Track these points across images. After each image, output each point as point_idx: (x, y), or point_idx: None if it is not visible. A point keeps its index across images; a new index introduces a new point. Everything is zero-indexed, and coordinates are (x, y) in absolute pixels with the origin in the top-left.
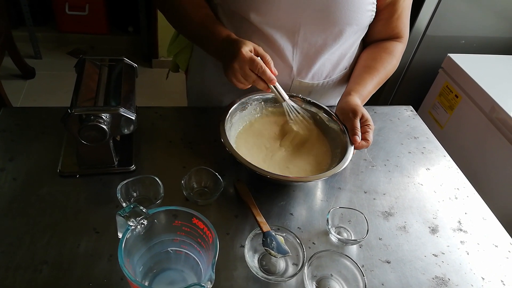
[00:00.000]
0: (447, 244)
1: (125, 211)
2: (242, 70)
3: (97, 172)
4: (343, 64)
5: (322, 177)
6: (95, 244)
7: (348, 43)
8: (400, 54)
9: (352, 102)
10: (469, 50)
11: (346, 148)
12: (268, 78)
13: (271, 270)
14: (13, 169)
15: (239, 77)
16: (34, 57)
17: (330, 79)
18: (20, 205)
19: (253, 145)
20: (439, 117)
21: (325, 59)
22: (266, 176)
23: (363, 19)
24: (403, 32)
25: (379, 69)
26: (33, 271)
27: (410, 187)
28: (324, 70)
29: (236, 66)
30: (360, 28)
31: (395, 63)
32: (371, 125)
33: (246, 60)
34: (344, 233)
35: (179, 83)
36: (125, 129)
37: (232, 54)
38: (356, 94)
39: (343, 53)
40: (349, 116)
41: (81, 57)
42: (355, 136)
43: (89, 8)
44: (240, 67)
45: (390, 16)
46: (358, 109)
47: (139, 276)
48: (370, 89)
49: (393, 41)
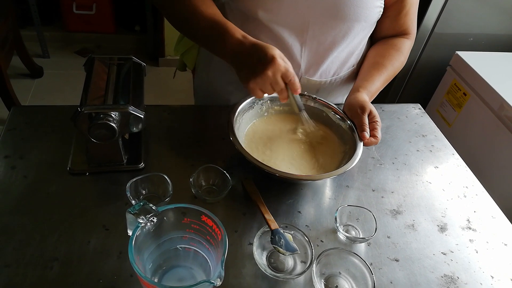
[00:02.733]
0: (456, 242)
1: (135, 208)
2: (274, 78)
3: (107, 170)
4: (351, 62)
5: (331, 175)
6: (105, 241)
7: (356, 40)
8: (408, 50)
9: (360, 98)
10: (477, 48)
11: (355, 146)
12: (296, 87)
13: (279, 267)
14: (24, 167)
15: (267, 86)
16: (42, 56)
17: (338, 77)
18: (30, 202)
19: (261, 143)
20: (447, 115)
21: (334, 57)
22: (275, 175)
23: (371, 16)
24: (411, 29)
25: (387, 66)
26: (43, 268)
27: (418, 185)
28: (332, 68)
29: (269, 73)
30: (368, 25)
31: (402, 60)
32: (379, 122)
33: (281, 68)
34: (352, 231)
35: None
36: (133, 127)
37: (263, 61)
38: (364, 91)
39: (351, 51)
40: (357, 112)
41: (90, 55)
42: (364, 133)
43: (96, 7)
44: (273, 75)
45: (398, 13)
46: (366, 105)
47: (148, 273)
48: (378, 85)
49: (401, 37)
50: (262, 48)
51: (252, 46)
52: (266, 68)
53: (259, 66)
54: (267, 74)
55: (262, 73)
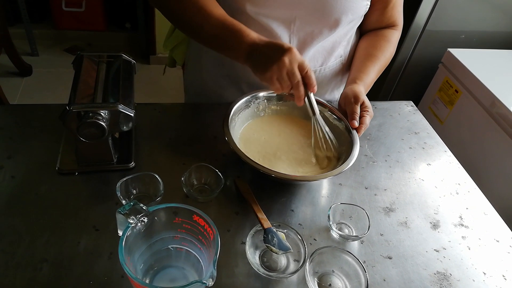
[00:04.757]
0: (449, 239)
1: (125, 208)
2: (291, 66)
3: (96, 170)
4: (338, 52)
5: (327, 176)
6: (95, 242)
7: (342, 32)
8: (396, 41)
9: (355, 89)
10: (469, 45)
11: (351, 147)
12: (313, 83)
13: (272, 266)
14: (12, 167)
15: (283, 75)
16: (31, 54)
17: (326, 66)
18: (19, 203)
19: (256, 143)
20: (439, 112)
21: (319, 45)
22: (270, 175)
23: (358, 9)
24: (398, 21)
25: (380, 57)
26: (33, 270)
27: (411, 182)
28: (319, 58)
29: (286, 60)
30: (355, 18)
31: (392, 50)
32: (370, 112)
33: (297, 58)
34: (346, 229)
35: (177, 79)
36: (123, 126)
37: (280, 50)
38: (361, 82)
39: (338, 40)
40: (350, 101)
41: (79, 53)
42: (353, 121)
43: (86, 4)
44: (289, 63)
45: (385, 6)
46: (360, 96)
47: (140, 273)
48: (373, 76)
49: (390, 29)
50: (278, 42)
51: (269, 41)
52: (283, 55)
53: (276, 54)
54: (283, 60)
55: (278, 59)
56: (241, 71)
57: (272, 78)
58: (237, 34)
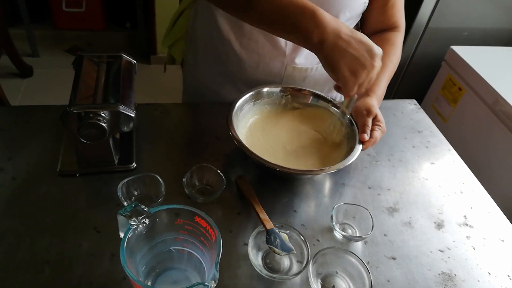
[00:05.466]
0: (453, 239)
1: (126, 210)
2: (374, 70)
3: (97, 171)
4: None
5: (332, 169)
6: (96, 244)
7: None
8: (401, 44)
9: (368, 102)
10: (472, 42)
11: (355, 140)
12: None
13: (275, 268)
14: (12, 168)
15: (366, 83)
16: (32, 55)
17: None
18: (19, 205)
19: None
20: (442, 111)
21: None
22: (275, 169)
23: (356, 7)
24: (400, 21)
25: (388, 64)
26: (34, 272)
27: (414, 182)
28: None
29: (378, 67)
30: (352, 16)
31: (398, 54)
32: (383, 127)
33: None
34: (349, 229)
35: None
36: (124, 127)
37: (373, 53)
38: (373, 95)
39: None
40: (362, 113)
41: (79, 54)
42: (363, 134)
43: (86, 4)
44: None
45: (384, 4)
46: (373, 110)
47: (141, 275)
48: (383, 86)
49: (392, 31)
50: (368, 40)
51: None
52: (376, 60)
53: (369, 57)
54: (376, 68)
55: (371, 66)
56: (236, 68)
57: (355, 83)
58: (311, 15)
